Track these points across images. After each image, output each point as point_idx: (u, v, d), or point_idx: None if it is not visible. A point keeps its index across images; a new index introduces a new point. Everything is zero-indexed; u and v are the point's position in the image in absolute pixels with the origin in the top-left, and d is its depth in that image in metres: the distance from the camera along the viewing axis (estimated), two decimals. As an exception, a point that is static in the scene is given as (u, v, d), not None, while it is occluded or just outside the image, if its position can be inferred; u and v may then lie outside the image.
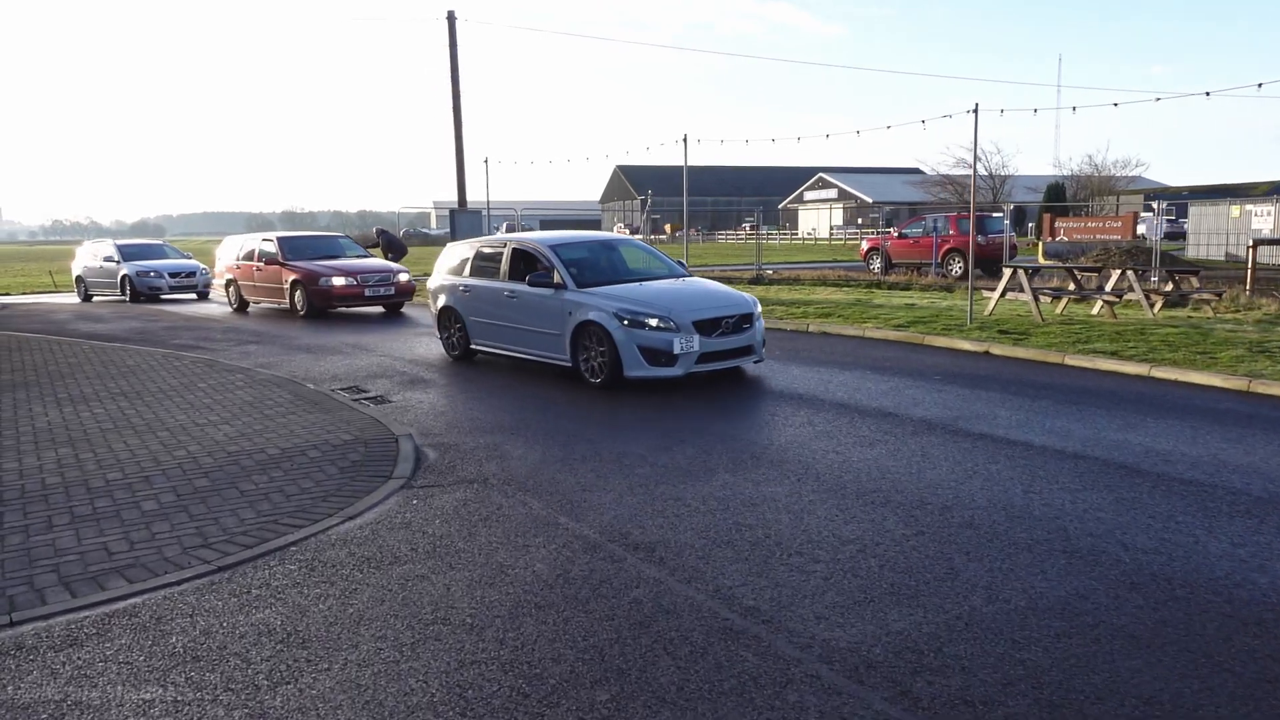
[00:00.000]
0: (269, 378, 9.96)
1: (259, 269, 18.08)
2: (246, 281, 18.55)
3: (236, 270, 18.86)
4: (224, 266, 19.53)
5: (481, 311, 10.81)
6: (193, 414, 8.06)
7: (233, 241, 19.79)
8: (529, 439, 7.22)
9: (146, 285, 22.63)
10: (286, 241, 18.27)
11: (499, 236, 11.51)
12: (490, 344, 10.82)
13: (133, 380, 9.83)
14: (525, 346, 10.19)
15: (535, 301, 9.88)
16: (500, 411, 8.36)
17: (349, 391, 9.58)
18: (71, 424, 7.69)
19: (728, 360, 9.35)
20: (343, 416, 7.91)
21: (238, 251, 19.05)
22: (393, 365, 11.20)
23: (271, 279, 17.69)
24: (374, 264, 18.10)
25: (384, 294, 17.18)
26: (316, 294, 16.62)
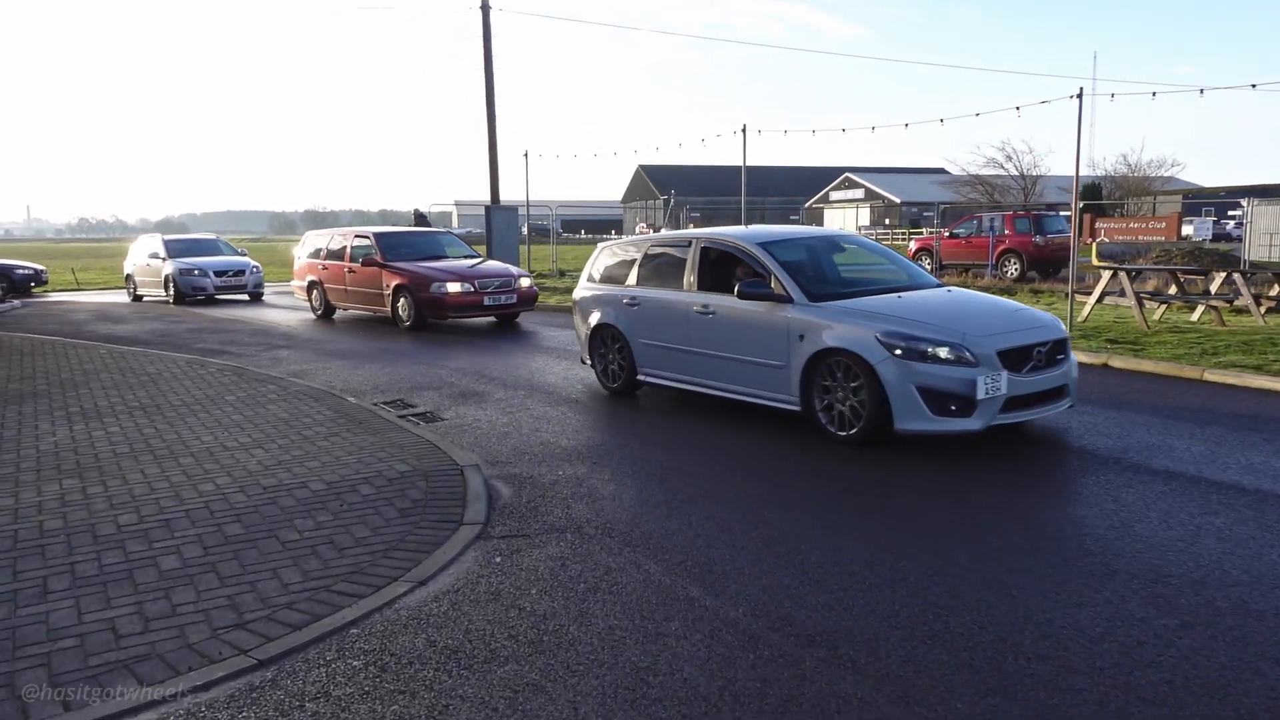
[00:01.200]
0: (304, 389, 8.89)
1: (351, 270, 15.33)
2: (335, 285, 15.85)
3: (322, 271, 16.14)
4: (304, 266, 16.88)
5: (655, 331, 8.23)
6: (220, 434, 6.98)
7: (316, 237, 17.11)
8: (614, 471, 6.09)
9: (190, 285, 20.30)
10: (385, 239, 15.35)
11: (683, 233, 8.59)
12: (667, 374, 8.21)
13: (152, 391, 8.79)
14: (725, 381, 7.57)
15: (744, 320, 7.29)
16: (574, 433, 7.23)
17: (393, 406, 8.50)
18: (81, 446, 6.63)
19: (1038, 407, 6.53)
20: (392, 439, 6.81)
21: (323, 249, 16.40)
22: (439, 375, 10.10)
23: (368, 283, 14.97)
24: (490, 266, 15.15)
25: (504, 302, 14.29)
26: (427, 303, 13.85)
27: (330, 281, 15.99)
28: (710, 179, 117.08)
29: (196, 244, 22.66)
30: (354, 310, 16.01)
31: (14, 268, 26.58)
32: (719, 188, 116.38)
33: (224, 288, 20.81)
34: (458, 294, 13.91)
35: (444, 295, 13.86)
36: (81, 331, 14.79)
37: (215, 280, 20.59)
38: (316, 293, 16.46)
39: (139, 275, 22.19)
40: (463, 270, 14.43)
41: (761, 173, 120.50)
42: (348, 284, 15.47)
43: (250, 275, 21.22)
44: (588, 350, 9.18)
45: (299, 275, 17.15)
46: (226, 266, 21.07)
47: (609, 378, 8.87)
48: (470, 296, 13.96)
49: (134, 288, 22.51)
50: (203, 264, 20.79)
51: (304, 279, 16.87)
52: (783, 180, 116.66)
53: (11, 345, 12.09)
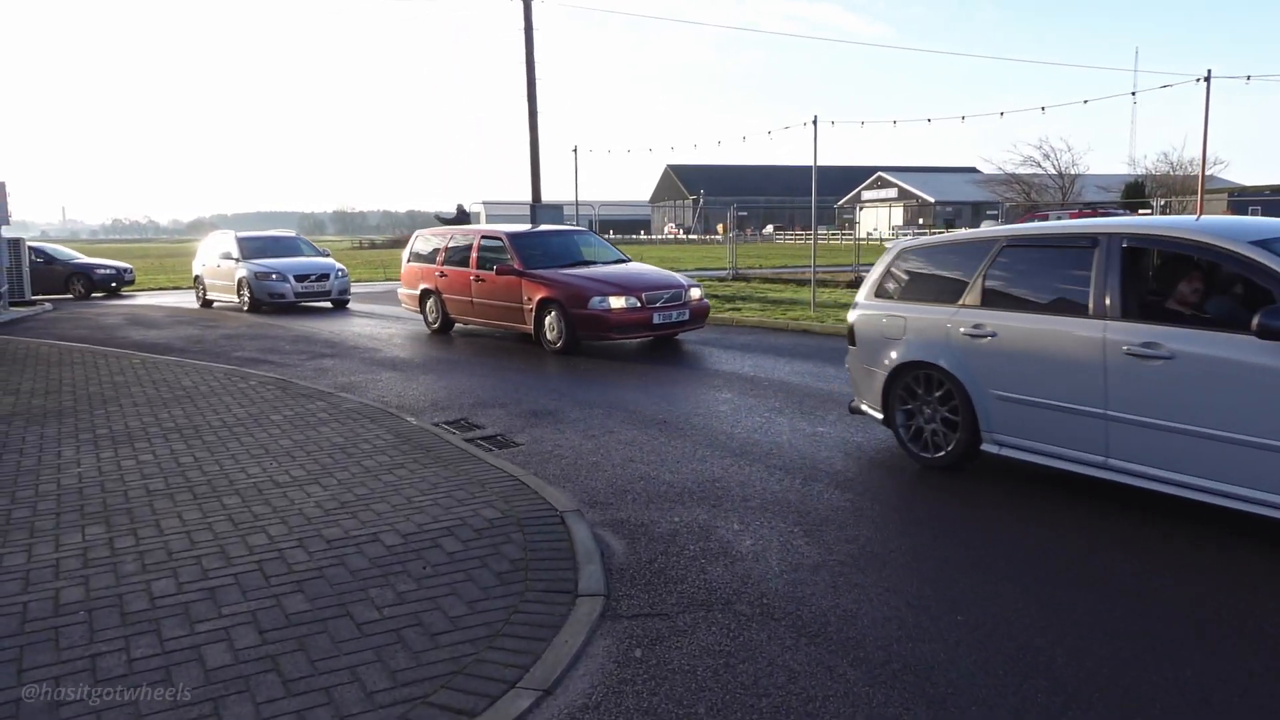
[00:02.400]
0: (356, 407, 7.92)
1: (480, 279, 12.49)
2: (457, 295, 13.06)
3: (440, 279, 13.35)
4: (414, 271, 14.10)
5: (1027, 380, 5.31)
6: (268, 464, 6.01)
7: (430, 238, 14.18)
8: (742, 517, 5.04)
9: (267, 291, 17.66)
10: (521, 241, 12.41)
11: (1074, 225, 5.49)
12: (1050, 448, 5.26)
13: (189, 408, 7.86)
14: (1209, 473, 4.51)
15: (1243, 372, 4.35)
16: (675, 463, 6.17)
17: (458, 428, 7.51)
18: (109, 479, 5.68)
19: None
20: (468, 472, 5.80)
21: (440, 251, 13.55)
22: (499, 390, 9.11)
23: (503, 294, 12.13)
24: (652, 274, 12.19)
25: (675, 320, 11.33)
26: (585, 321, 11.03)
27: (450, 291, 13.21)
28: (739, 178, 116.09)
29: (274, 243, 19.83)
30: (478, 325, 13.22)
31: (94, 267, 25.49)
32: (748, 187, 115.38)
33: (306, 294, 18.10)
34: (622, 311, 11.00)
35: (606, 313, 10.95)
36: (112, 338, 13.96)
37: (296, 286, 17.89)
38: (432, 303, 13.64)
39: (209, 277, 19.72)
40: (623, 279, 11.55)
41: (791, 172, 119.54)
42: (474, 295, 12.68)
43: (335, 280, 18.51)
44: (879, 398, 6.31)
45: (408, 282, 14.33)
46: (308, 269, 18.37)
47: (924, 444, 6.00)
48: (636, 313, 11.07)
49: (203, 291, 20.03)
50: (281, 266, 18.15)
51: (414, 286, 14.06)
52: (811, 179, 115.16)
53: (38, 354, 11.25)
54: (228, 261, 18.81)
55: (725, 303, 16.47)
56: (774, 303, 16.56)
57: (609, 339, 11.29)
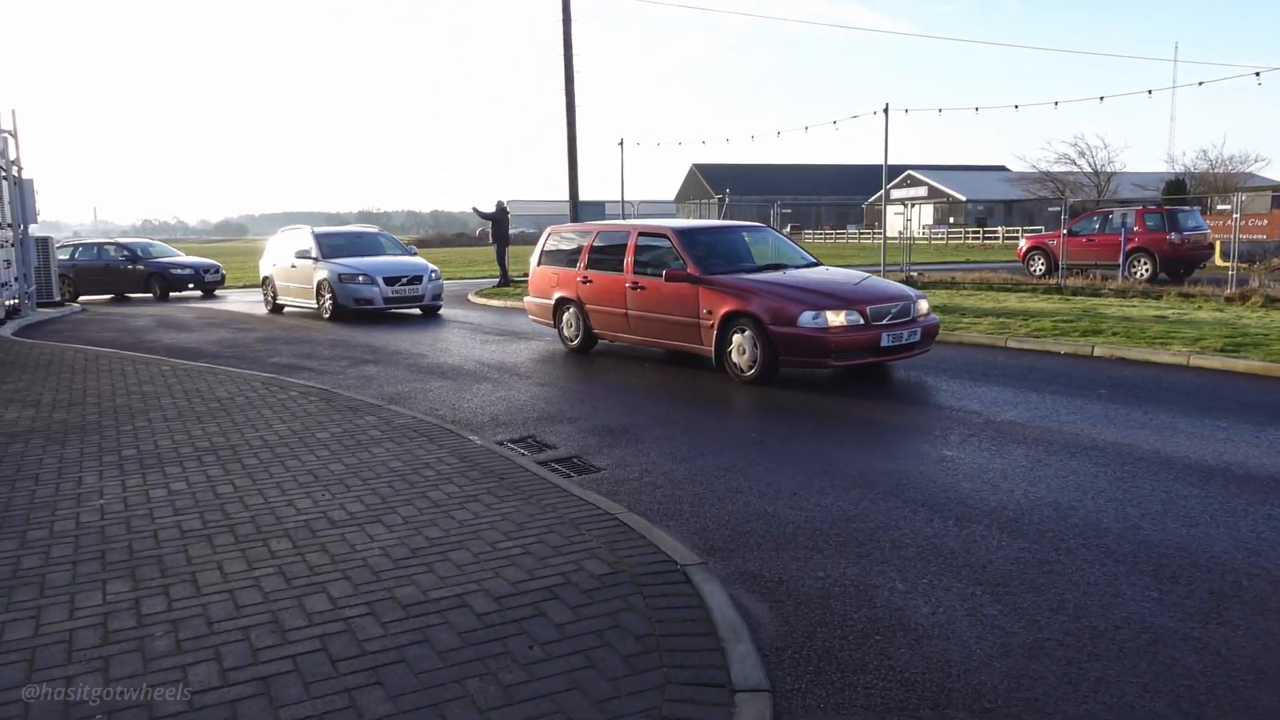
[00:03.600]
0: (410, 423, 7.06)
1: (639, 286, 9.98)
2: (607, 306, 10.52)
3: (582, 285, 10.81)
4: (546, 275, 11.51)
5: None
6: (319, 496, 5.15)
7: (567, 235, 11.56)
8: (901, 569, 4.10)
9: (353, 296, 15.28)
10: (692, 238, 9.84)
11: None
12: None
13: (225, 424, 7.03)
14: None
15: None
16: (790, 494, 5.24)
17: (526, 447, 6.64)
18: (136, 515, 4.84)
19: None
20: (553, 507, 4.91)
21: (582, 252, 10.93)
22: (554, 395, 8.22)
23: (671, 306, 9.58)
24: (877, 284, 9.48)
25: (906, 341, 8.71)
26: (791, 343, 8.45)
27: (598, 301, 10.66)
28: (766, 177, 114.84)
29: (356, 240, 17.46)
30: (632, 343, 10.56)
31: (169, 266, 23.32)
32: (774, 186, 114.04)
33: (396, 300, 15.60)
34: (842, 330, 8.36)
35: (822, 333, 8.33)
36: (141, 342, 13.22)
37: (386, 290, 15.47)
38: (572, 315, 11.11)
39: (280, 279, 17.34)
40: (836, 288, 8.95)
41: (815, 171, 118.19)
42: (630, 306, 10.16)
43: (429, 283, 16.02)
44: None
45: (538, 288, 11.71)
46: (399, 271, 15.88)
47: None
48: (860, 333, 8.42)
49: (272, 294, 17.71)
50: (369, 267, 15.72)
51: (548, 294, 11.45)
52: (838, 178, 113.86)
53: (63, 360, 10.50)
54: (304, 261, 16.34)
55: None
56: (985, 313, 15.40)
57: (823, 366, 8.57)
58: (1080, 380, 8.67)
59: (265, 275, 18.11)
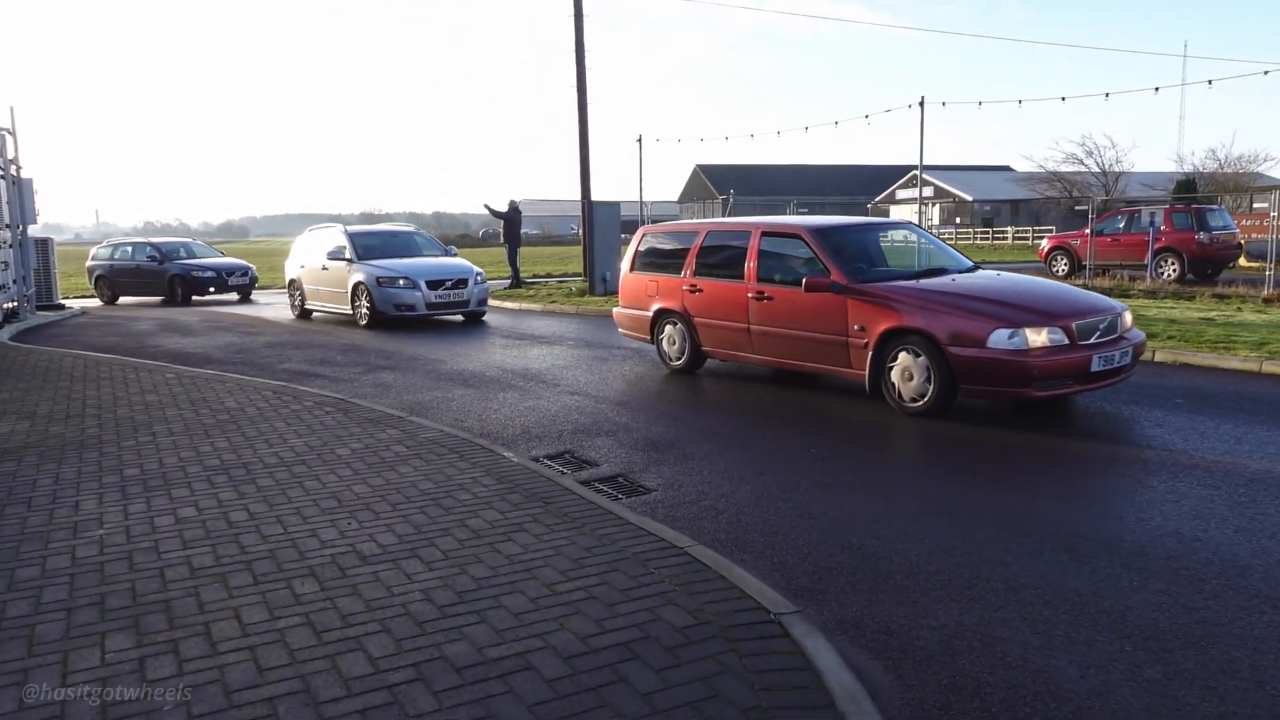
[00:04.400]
0: (436, 436, 6.49)
1: (763, 296, 8.32)
2: (722, 320, 8.83)
3: (690, 296, 9.15)
4: (641, 282, 9.87)
5: None
6: (345, 524, 4.58)
7: (666, 235, 9.91)
8: (1022, 610, 3.53)
9: (394, 301, 13.91)
10: (835, 239, 8.18)
11: None
12: None
13: (236, 439, 6.46)
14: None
15: None
16: (870, 519, 4.67)
17: (565, 464, 6.08)
18: (140, 549, 4.28)
19: None
20: (610, 538, 4.34)
21: (689, 255, 9.27)
22: (587, 405, 7.66)
23: (811, 321, 7.92)
24: (1071, 293, 7.67)
25: (1119, 364, 7.03)
26: (978, 368, 6.81)
27: (710, 313, 8.98)
28: (769, 178, 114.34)
29: (392, 240, 15.93)
30: (757, 364, 8.77)
31: (191, 268, 21.71)
32: (777, 187, 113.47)
33: (441, 305, 14.25)
34: (1044, 352, 6.73)
35: (1021, 356, 6.65)
36: (144, 347, 12.66)
37: (429, 294, 14.09)
38: (675, 330, 9.47)
39: (309, 282, 16.01)
40: (1032, 298, 7.26)
41: (822, 171, 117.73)
42: (755, 320, 8.44)
43: (474, 287, 14.63)
44: None
45: (632, 298, 10.03)
46: (443, 273, 14.46)
47: None
48: (1067, 355, 6.77)
49: (300, 299, 16.43)
50: (410, 270, 14.32)
51: (644, 305, 9.79)
52: (843, 179, 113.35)
53: (61, 367, 9.94)
54: (337, 263, 15.00)
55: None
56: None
57: (1020, 397, 6.77)
58: (1149, 389, 8.09)
59: (292, 278, 16.75)
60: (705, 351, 9.29)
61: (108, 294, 22.70)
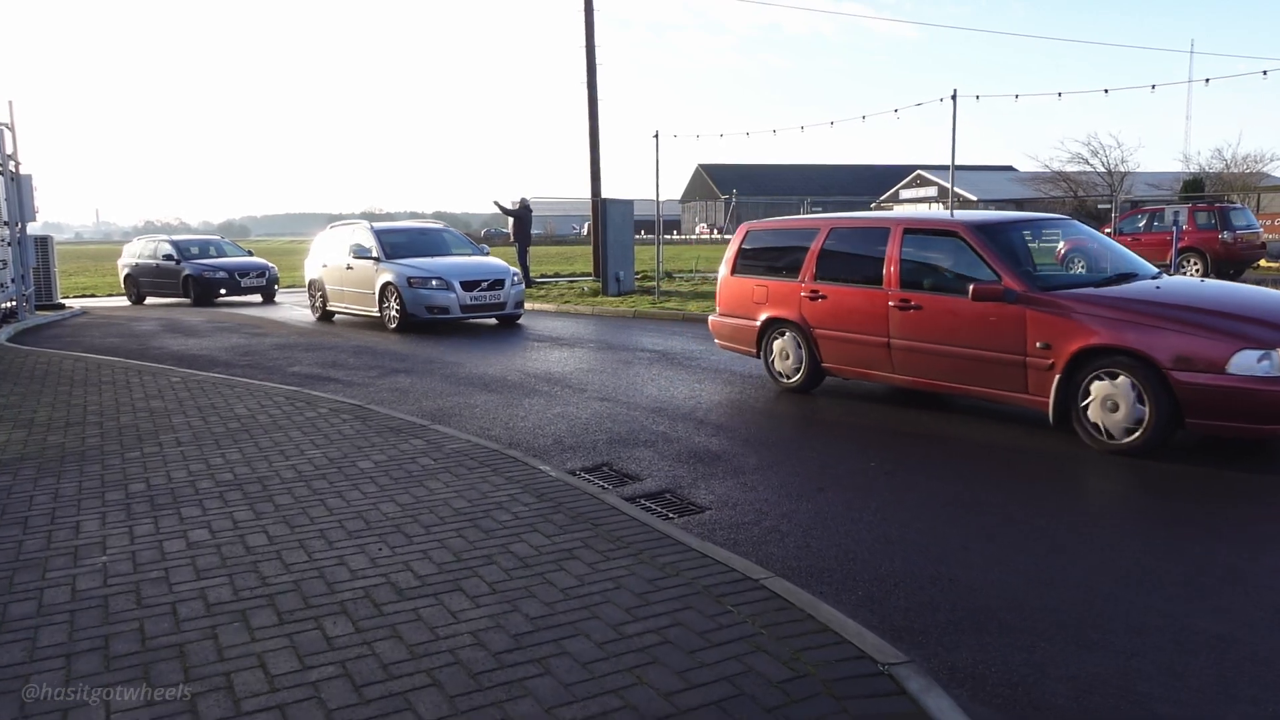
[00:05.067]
0: (465, 447, 6.03)
1: (910, 305, 7.11)
2: (852, 333, 7.56)
3: (811, 304, 7.87)
4: (745, 289, 8.54)
5: None
6: (376, 550, 4.14)
7: (781, 232, 8.53)
8: (1155, 653, 3.09)
9: (425, 303, 13.05)
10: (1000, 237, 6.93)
11: None
12: None
13: (249, 450, 6.01)
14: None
15: None
16: (956, 548, 4.23)
17: (605, 478, 5.63)
18: (149, 580, 3.82)
19: None
20: (672, 567, 3.89)
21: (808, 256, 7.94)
22: (619, 413, 7.19)
23: (977, 334, 6.71)
24: None
25: None
26: (1217, 398, 5.52)
27: (835, 324, 7.70)
28: (773, 178, 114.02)
29: (422, 237, 14.94)
30: (897, 382, 7.38)
31: (204, 268, 20.37)
32: (781, 187, 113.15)
33: (476, 308, 13.36)
34: None
35: (1270, 384, 5.44)
36: (147, 349, 12.20)
37: (464, 296, 13.18)
38: (789, 342, 8.08)
39: (331, 282, 15.13)
40: (1260, 309, 5.97)
41: (825, 171, 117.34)
42: (897, 334, 7.22)
43: (510, 288, 13.71)
44: None
45: (734, 304, 8.70)
46: (477, 273, 13.53)
47: None
48: None
49: (321, 300, 15.55)
50: (442, 269, 13.38)
51: (750, 313, 8.46)
52: (847, 179, 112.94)
53: (60, 370, 9.48)
54: (363, 262, 14.11)
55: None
56: None
57: (1267, 435, 5.58)
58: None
59: (312, 278, 15.80)
60: (827, 368, 7.94)
61: (134, 294, 21.78)
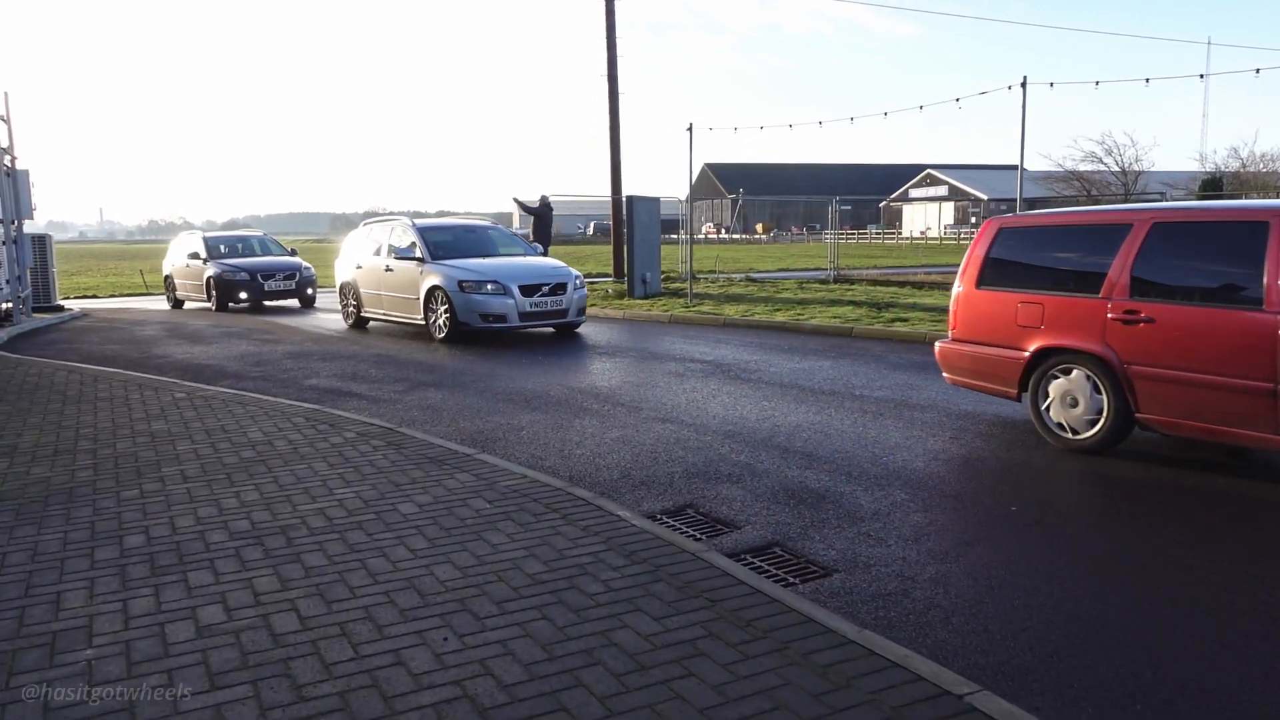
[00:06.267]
0: (521, 484, 5.09)
1: None
2: (1206, 373, 5.29)
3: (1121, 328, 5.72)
4: (1003, 305, 6.45)
5: None
6: (439, 640, 3.21)
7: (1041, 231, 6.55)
8: None
9: (479, 311, 11.48)
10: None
11: None
12: None
13: (267, 487, 5.08)
14: None
15: None
16: (1166, 650, 3.31)
17: (694, 524, 4.71)
18: (147, 693, 2.87)
19: None
20: (835, 669, 2.94)
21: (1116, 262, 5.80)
22: (687, 436, 6.23)
23: None
24: None
25: None
26: None
27: (1171, 360, 5.50)
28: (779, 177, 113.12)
29: (467, 235, 13.45)
30: (1261, 441, 5.16)
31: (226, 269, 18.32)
32: (787, 186, 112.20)
33: (536, 315, 11.77)
34: None
35: None
36: (148, 357, 11.25)
37: (522, 302, 11.59)
38: (1083, 383, 5.95)
39: (367, 286, 13.62)
40: None
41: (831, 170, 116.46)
42: None
43: (572, 293, 12.15)
44: None
45: (980, 327, 6.65)
46: (536, 276, 11.97)
47: None
48: None
49: (354, 305, 14.04)
50: (497, 271, 11.83)
51: (1012, 341, 6.40)
52: (855, 178, 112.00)
53: (53, 383, 8.55)
54: (404, 263, 12.56)
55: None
56: None
57: None
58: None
59: (344, 281, 14.30)
60: (1147, 421, 5.70)
61: (172, 297, 20.10)
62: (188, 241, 20.10)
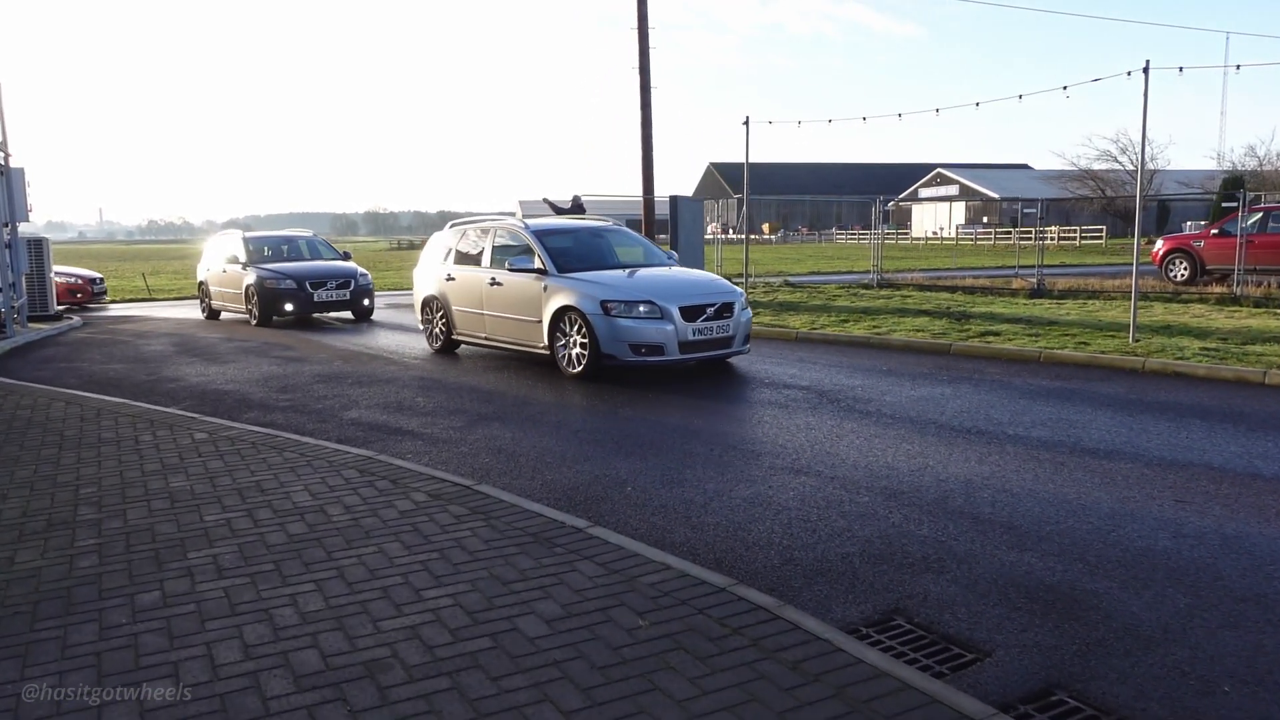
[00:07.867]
0: (672, 581, 3.80)
1: None
2: None
3: None
4: None
5: None
6: None
7: None
8: None
9: (629, 340, 8.82)
10: None
11: None
12: None
13: (331, 585, 3.79)
14: None
15: None
16: None
17: (915, 643, 3.43)
18: None
19: None
20: None
21: None
22: (839, 496, 4.94)
23: None
24: None
25: None
26: None
27: None
28: (785, 176, 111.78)
29: (593, 241, 10.67)
30: None
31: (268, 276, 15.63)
32: (793, 185, 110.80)
33: (700, 345, 9.07)
34: None
35: None
36: (158, 379, 9.90)
37: (683, 328, 8.93)
38: None
39: (460, 302, 10.96)
40: None
41: (837, 170, 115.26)
42: None
43: (739, 314, 9.42)
44: None
45: None
46: (697, 294, 9.28)
47: None
48: None
49: (443, 326, 11.31)
50: (650, 288, 9.22)
51: None
52: (861, 178, 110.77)
53: (48, 417, 7.23)
54: (518, 277, 9.93)
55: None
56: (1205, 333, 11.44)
57: None
58: None
59: (428, 295, 11.61)
60: None
61: (206, 306, 17.73)
62: (225, 243, 17.53)
